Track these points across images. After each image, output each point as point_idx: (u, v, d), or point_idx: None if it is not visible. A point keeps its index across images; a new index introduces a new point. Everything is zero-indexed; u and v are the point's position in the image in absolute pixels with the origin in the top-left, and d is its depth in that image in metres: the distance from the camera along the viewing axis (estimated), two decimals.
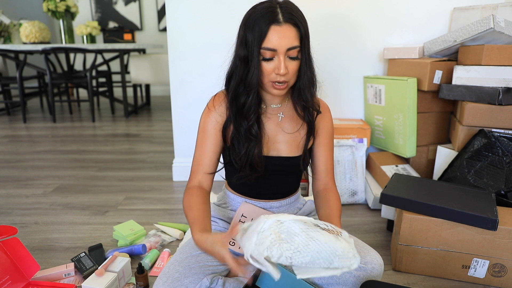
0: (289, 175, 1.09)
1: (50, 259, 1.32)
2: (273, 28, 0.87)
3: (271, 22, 0.87)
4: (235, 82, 0.96)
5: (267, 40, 0.87)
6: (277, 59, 0.89)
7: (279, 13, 0.87)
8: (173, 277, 0.90)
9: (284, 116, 1.04)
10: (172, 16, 1.86)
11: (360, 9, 1.85)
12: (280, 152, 1.04)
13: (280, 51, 0.88)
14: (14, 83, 3.75)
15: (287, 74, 0.91)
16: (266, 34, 0.87)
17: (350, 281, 0.93)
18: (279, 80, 0.91)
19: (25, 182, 2.06)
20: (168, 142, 2.83)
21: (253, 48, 0.89)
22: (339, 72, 1.95)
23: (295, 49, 0.89)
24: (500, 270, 1.16)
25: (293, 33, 0.88)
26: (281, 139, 1.04)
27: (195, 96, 1.96)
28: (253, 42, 0.88)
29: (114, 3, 5.28)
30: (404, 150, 1.74)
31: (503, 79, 1.44)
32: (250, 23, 0.89)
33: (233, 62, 0.96)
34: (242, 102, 0.96)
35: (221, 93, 1.03)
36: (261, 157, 1.00)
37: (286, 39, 0.87)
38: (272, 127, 1.04)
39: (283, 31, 0.87)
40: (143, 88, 5.15)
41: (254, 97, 0.95)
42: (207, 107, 1.02)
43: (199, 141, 1.03)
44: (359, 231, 1.53)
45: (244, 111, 0.96)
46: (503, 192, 1.31)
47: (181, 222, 1.59)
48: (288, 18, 0.87)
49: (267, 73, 0.91)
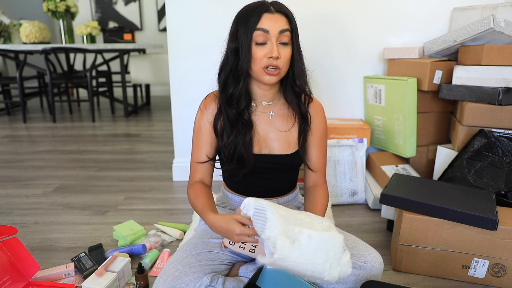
0: (283, 173, 1.10)
1: (50, 259, 1.32)
2: (265, 15, 0.92)
3: (263, 11, 0.93)
4: (225, 73, 1.00)
5: (260, 23, 0.92)
6: (269, 44, 0.92)
7: (270, 6, 0.94)
8: (173, 276, 0.90)
9: (274, 114, 1.06)
10: (172, 16, 1.86)
11: (360, 9, 1.85)
12: (272, 150, 1.06)
13: (273, 33, 0.92)
14: (14, 83, 3.75)
15: (279, 60, 0.93)
16: (259, 20, 0.92)
17: (350, 279, 0.93)
18: (272, 64, 0.93)
19: (25, 182, 2.06)
20: (168, 142, 2.83)
21: (245, 36, 0.93)
22: (339, 72, 1.95)
23: (286, 32, 0.93)
24: (500, 270, 1.16)
25: (284, 20, 0.94)
26: (273, 137, 1.06)
27: (195, 96, 1.95)
28: (246, 31, 0.93)
29: (114, 3, 5.28)
30: (404, 150, 1.74)
31: (503, 79, 1.44)
32: (242, 17, 0.94)
33: (224, 56, 1.01)
34: (231, 91, 0.99)
35: (211, 93, 1.08)
36: (250, 154, 1.02)
37: (278, 23, 0.92)
38: (263, 125, 1.05)
39: (275, 17, 0.93)
40: (143, 88, 5.15)
41: (244, 84, 0.99)
42: (200, 109, 1.07)
43: (195, 142, 1.07)
44: (359, 231, 1.53)
45: (234, 98, 1.00)
46: (503, 192, 1.31)
47: (181, 222, 1.59)
48: (279, 9, 0.94)
49: (259, 59, 0.94)
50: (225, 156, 1.03)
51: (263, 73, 0.95)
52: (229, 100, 1.01)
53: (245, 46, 0.93)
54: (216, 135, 1.04)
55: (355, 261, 0.94)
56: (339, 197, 1.76)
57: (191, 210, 1.71)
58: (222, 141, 1.03)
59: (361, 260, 0.95)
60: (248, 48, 0.93)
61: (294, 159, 1.07)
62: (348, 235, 1.06)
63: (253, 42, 0.93)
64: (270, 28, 0.92)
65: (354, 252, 0.96)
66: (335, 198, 1.75)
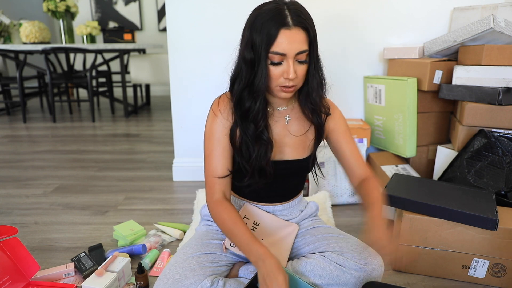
0: (294, 178, 1.08)
1: (50, 259, 1.32)
2: (283, 32, 0.83)
3: (280, 25, 0.83)
4: (240, 86, 0.92)
5: (276, 44, 0.84)
6: (285, 63, 0.86)
7: (288, 16, 0.84)
8: (173, 278, 0.89)
9: (291, 118, 1.02)
10: (172, 16, 1.86)
11: (360, 9, 1.85)
12: (285, 155, 1.02)
13: (290, 55, 0.85)
14: (14, 83, 3.75)
15: (295, 78, 0.88)
16: (275, 38, 0.84)
17: (351, 281, 0.93)
18: (287, 85, 0.89)
19: (25, 182, 2.06)
20: (168, 142, 2.83)
21: (261, 51, 0.85)
22: (339, 72, 1.94)
23: (304, 53, 0.87)
24: (500, 270, 1.16)
25: (303, 37, 0.85)
26: (288, 142, 1.02)
27: (195, 96, 1.96)
28: (261, 45, 0.85)
29: (114, 3, 5.28)
30: (404, 150, 1.74)
31: (503, 79, 1.44)
32: (258, 25, 0.85)
33: (238, 64, 0.93)
34: (248, 106, 0.92)
35: (225, 96, 0.99)
36: (269, 164, 0.97)
37: (296, 44, 0.85)
38: (279, 130, 1.01)
39: (293, 35, 0.84)
40: (143, 88, 5.15)
41: (262, 102, 0.92)
42: (212, 112, 0.97)
43: (210, 151, 0.97)
44: (359, 231, 1.53)
45: (252, 116, 0.93)
46: (503, 192, 1.31)
47: (181, 222, 1.59)
48: (297, 22, 0.84)
49: (275, 78, 0.88)
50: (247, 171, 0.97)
51: (279, 90, 0.91)
52: (246, 115, 0.93)
53: (262, 65, 0.87)
54: (233, 147, 0.97)
55: (355, 263, 0.94)
56: (339, 197, 1.75)
57: (191, 210, 1.71)
58: (241, 155, 0.97)
59: (361, 262, 0.94)
60: (264, 68, 0.87)
61: (307, 163, 1.04)
62: (348, 236, 1.05)
63: (268, 61, 0.87)
64: (287, 51, 0.84)
65: (355, 253, 0.96)
66: (335, 198, 1.75)
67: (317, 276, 0.95)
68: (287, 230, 1.08)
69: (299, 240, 1.09)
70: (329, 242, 1.02)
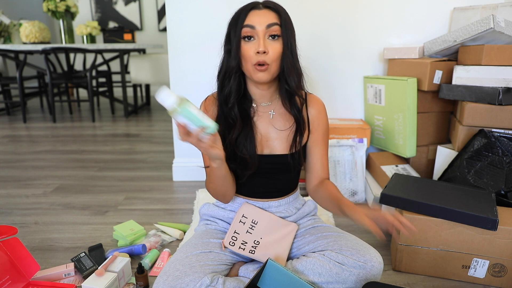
0: (283, 173, 1.10)
1: (50, 259, 1.32)
2: (253, 11, 0.94)
3: (250, 8, 0.94)
4: (221, 73, 1.01)
5: (247, 20, 0.93)
6: (257, 39, 0.92)
7: (259, 3, 0.96)
8: (173, 276, 0.90)
9: (275, 113, 1.06)
10: (172, 16, 1.86)
11: (360, 9, 1.85)
12: (273, 150, 1.05)
13: (259, 28, 0.92)
14: (14, 83, 3.75)
15: (268, 55, 0.92)
16: (246, 17, 0.93)
17: (350, 279, 0.93)
18: (259, 61, 0.92)
19: (25, 182, 2.06)
20: (168, 142, 2.83)
21: (234, 35, 0.94)
22: (339, 72, 1.95)
23: (275, 25, 0.92)
24: (500, 270, 1.16)
25: (273, 14, 0.94)
26: (273, 136, 1.05)
27: (195, 96, 1.95)
28: (235, 30, 0.94)
29: (114, 3, 5.28)
30: (404, 150, 1.74)
31: (503, 79, 1.44)
32: (233, 19, 0.97)
33: (222, 59, 1.02)
34: (227, 92, 1.01)
35: (210, 96, 1.08)
36: (253, 155, 1.01)
37: (266, 17, 0.92)
38: (264, 125, 1.05)
39: (262, 12, 0.93)
40: (143, 88, 5.15)
41: (235, 82, 0.99)
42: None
43: None
44: (359, 231, 1.53)
45: (227, 97, 1.01)
46: (503, 192, 1.31)
47: (181, 222, 1.59)
48: (267, 5, 0.95)
49: (248, 56, 0.93)
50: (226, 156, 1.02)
51: (254, 70, 0.94)
52: (226, 100, 1.01)
53: (235, 44, 0.94)
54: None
55: (355, 261, 0.94)
56: None
57: (191, 210, 1.71)
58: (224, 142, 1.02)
59: (360, 259, 0.94)
60: (237, 45, 0.94)
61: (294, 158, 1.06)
62: (348, 234, 1.06)
63: (241, 39, 0.94)
64: (257, 23, 0.92)
65: (354, 251, 0.96)
66: None
67: (316, 274, 0.95)
68: (286, 229, 1.09)
69: (299, 239, 1.09)
70: (328, 241, 1.02)
